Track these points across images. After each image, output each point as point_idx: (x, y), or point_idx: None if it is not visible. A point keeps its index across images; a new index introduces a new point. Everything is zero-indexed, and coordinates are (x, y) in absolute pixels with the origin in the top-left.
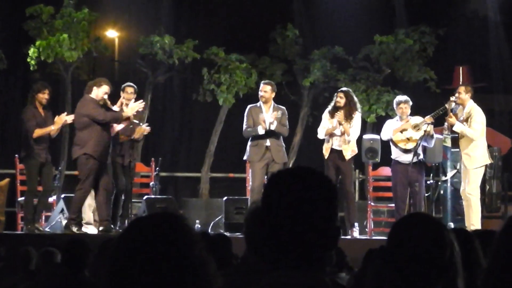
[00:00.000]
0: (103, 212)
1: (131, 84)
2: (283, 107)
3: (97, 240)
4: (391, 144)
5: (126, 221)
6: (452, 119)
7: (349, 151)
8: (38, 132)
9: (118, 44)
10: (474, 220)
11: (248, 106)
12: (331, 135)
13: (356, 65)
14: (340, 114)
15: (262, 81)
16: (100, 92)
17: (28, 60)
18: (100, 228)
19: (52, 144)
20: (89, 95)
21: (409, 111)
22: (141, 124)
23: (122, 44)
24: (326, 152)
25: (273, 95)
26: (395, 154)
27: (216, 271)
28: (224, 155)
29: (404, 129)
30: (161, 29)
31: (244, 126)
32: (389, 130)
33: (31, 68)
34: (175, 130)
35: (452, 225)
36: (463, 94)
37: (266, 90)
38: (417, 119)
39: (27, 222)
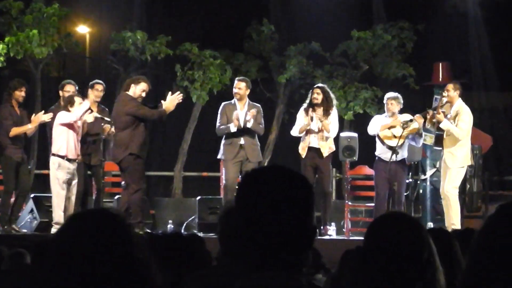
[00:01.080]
0: (137, 213)
1: (100, 81)
2: (258, 105)
3: None
4: (376, 140)
5: None
6: (440, 116)
7: (327, 149)
8: (15, 131)
9: (89, 40)
10: (454, 220)
11: (222, 103)
12: (307, 132)
13: (333, 61)
14: (320, 111)
15: (237, 78)
16: (137, 89)
17: None
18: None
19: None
20: (126, 92)
21: (396, 109)
22: (111, 122)
23: (93, 40)
24: (303, 151)
25: (248, 92)
26: (379, 150)
27: (155, 274)
28: (197, 153)
29: (393, 126)
30: (133, 24)
31: (218, 124)
32: (376, 125)
33: (0, 64)
34: (147, 128)
35: (431, 225)
36: (452, 92)
37: (240, 87)
38: (406, 117)
39: (3, 222)
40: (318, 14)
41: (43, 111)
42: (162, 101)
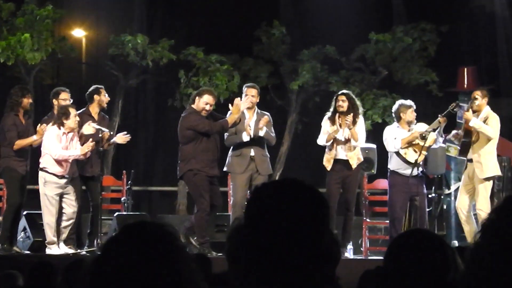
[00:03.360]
0: (199, 233)
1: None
2: (268, 113)
3: (64, 261)
4: (391, 154)
5: (96, 240)
6: (468, 113)
7: (355, 160)
8: (19, 144)
9: (85, 45)
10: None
11: (230, 112)
12: (333, 143)
13: (349, 67)
14: (350, 118)
15: (246, 85)
16: (201, 102)
17: None
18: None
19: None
20: (192, 105)
21: (412, 117)
22: (110, 132)
23: (90, 45)
24: (328, 163)
25: (258, 99)
26: (396, 165)
27: None
28: None
29: (412, 141)
30: (133, 27)
31: (226, 134)
32: (396, 139)
33: None
34: (149, 140)
35: (456, 243)
36: (480, 100)
37: (253, 94)
38: (422, 127)
39: (2, 241)
40: (333, 15)
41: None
42: (231, 106)
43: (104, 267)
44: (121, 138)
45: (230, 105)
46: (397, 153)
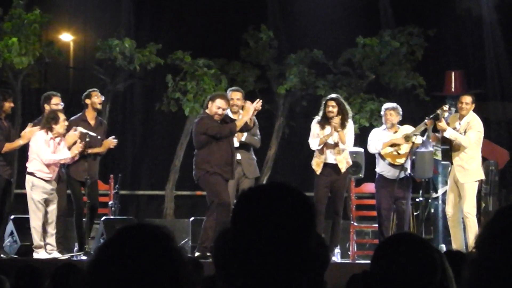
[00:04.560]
0: (202, 236)
1: (96, 89)
2: (253, 117)
3: (50, 266)
4: (377, 157)
5: (85, 244)
6: (442, 124)
7: (344, 163)
8: (7, 147)
9: (73, 49)
10: (472, 242)
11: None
12: (323, 146)
13: (337, 71)
14: (337, 120)
15: (230, 88)
16: (213, 107)
17: None
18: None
19: None
20: (205, 110)
21: (396, 120)
22: (98, 136)
23: (78, 49)
24: (317, 167)
25: (243, 103)
26: (381, 168)
27: None
28: (190, 171)
29: (395, 144)
30: (120, 31)
31: None
32: (377, 142)
33: None
34: (136, 144)
35: (444, 247)
36: (471, 105)
37: (238, 97)
38: (407, 129)
39: None
40: (321, 19)
41: (31, 124)
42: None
43: (100, 271)
44: (108, 142)
45: (248, 102)
46: (382, 156)
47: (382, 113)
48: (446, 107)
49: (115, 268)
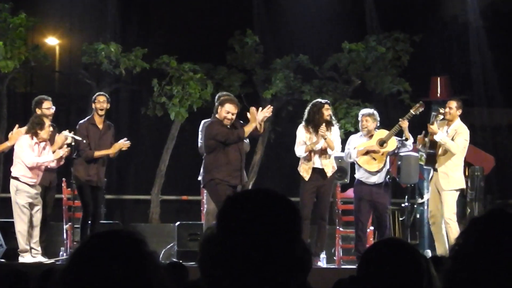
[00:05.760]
0: None
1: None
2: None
3: (36, 270)
4: (356, 164)
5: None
6: (434, 126)
7: (330, 168)
8: None
9: (59, 53)
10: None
11: (203, 121)
12: (311, 152)
13: (322, 76)
14: (323, 128)
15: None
16: (222, 111)
17: None
18: None
19: None
20: (215, 115)
21: (372, 126)
22: (84, 140)
23: (64, 53)
24: (306, 173)
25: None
26: (360, 174)
27: None
28: (176, 175)
29: (369, 151)
30: (106, 36)
31: (200, 142)
32: (353, 151)
33: None
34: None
35: (429, 252)
36: (455, 110)
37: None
38: (381, 133)
39: None
40: (306, 25)
41: (17, 125)
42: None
43: (72, 277)
44: (120, 144)
45: (254, 108)
46: (358, 165)
47: (359, 119)
48: (442, 110)
49: (86, 274)
